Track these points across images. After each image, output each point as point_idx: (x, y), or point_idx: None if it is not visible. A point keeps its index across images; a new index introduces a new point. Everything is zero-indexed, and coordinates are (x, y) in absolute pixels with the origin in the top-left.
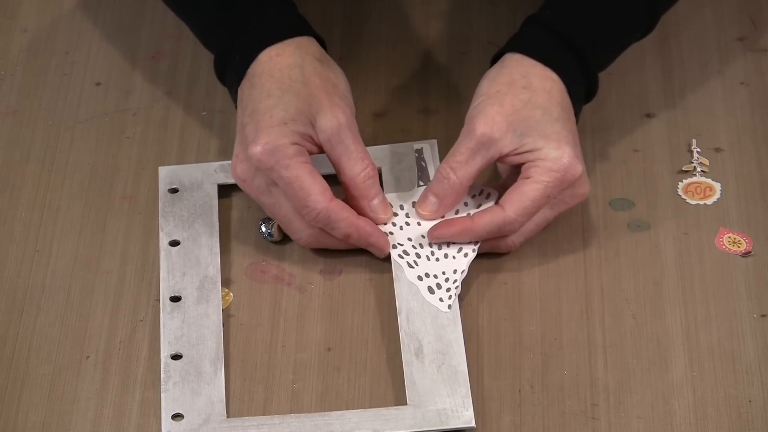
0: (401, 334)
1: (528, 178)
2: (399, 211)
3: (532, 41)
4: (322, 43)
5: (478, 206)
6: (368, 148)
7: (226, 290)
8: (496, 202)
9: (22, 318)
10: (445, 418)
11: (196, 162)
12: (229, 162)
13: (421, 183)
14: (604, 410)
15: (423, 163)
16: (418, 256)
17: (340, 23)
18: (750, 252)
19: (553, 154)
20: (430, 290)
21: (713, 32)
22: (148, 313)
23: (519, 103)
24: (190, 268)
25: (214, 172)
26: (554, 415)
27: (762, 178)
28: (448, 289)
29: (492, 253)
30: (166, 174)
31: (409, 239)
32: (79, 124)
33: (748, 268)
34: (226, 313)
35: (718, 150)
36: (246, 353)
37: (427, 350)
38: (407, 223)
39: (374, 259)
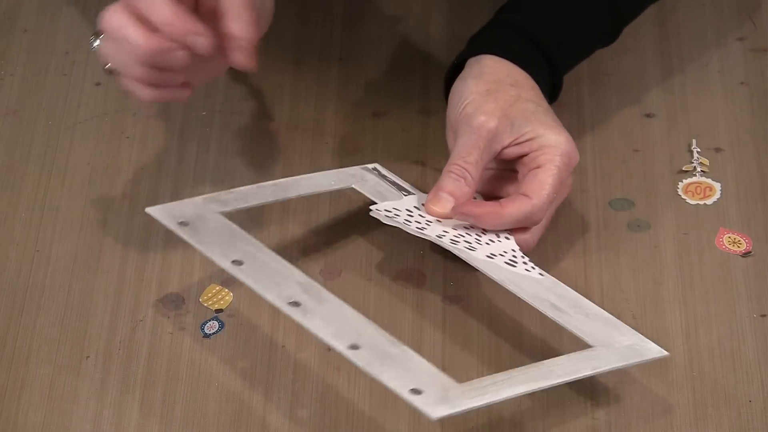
0: (525, 297)
1: (539, 166)
2: (413, 213)
3: (508, 45)
4: None
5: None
6: (320, 174)
7: (227, 290)
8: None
9: (22, 318)
10: (640, 351)
11: (196, 163)
12: (210, 195)
13: (404, 193)
14: (604, 410)
15: (387, 178)
16: (468, 242)
17: (340, 23)
18: (750, 252)
19: (557, 140)
20: (510, 264)
21: (713, 32)
22: (148, 313)
23: (511, 98)
24: (278, 280)
25: (206, 205)
26: (554, 415)
27: (762, 178)
28: (525, 262)
29: None
30: (160, 212)
31: (445, 231)
32: (79, 124)
33: (748, 268)
34: (226, 313)
35: (718, 150)
36: (246, 353)
37: (562, 306)
38: (429, 222)
39: (374, 259)
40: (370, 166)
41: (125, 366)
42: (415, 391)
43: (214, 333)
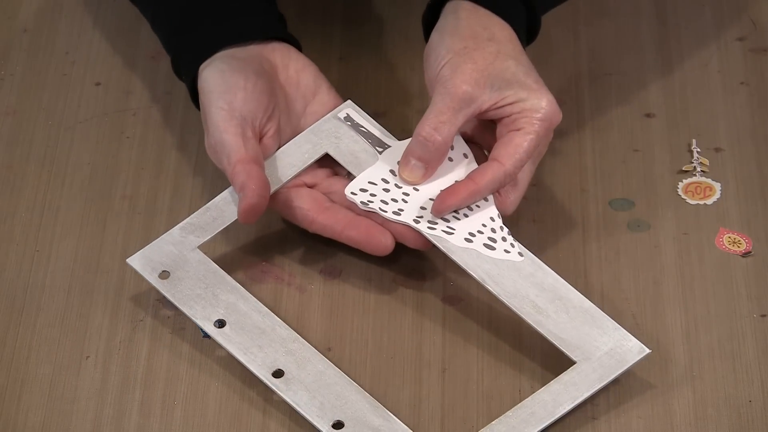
0: (503, 300)
1: (519, 129)
2: (390, 187)
3: None
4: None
5: (457, 165)
6: (294, 141)
7: None
8: (477, 159)
9: (22, 318)
10: (621, 356)
11: (196, 164)
12: (186, 221)
13: (378, 149)
14: (604, 410)
15: (361, 128)
16: (446, 221)
17: (340, 23)
18: (750, 252)
19: (539, 104)
20: (489, 247)
21: (713, 32)
22: (148, 313)
23: (490, 56)
24: (260, 341)
25: (184, 239)
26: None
27: (762, 178)
28: (504, 239)
29: None
30: (140, 262)
31: (423, 208)
32: (79, 124)
33: (748, 268)
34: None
35: (718, 150)
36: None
37: (541, 302)
38: (406, 194)
39: (375, 259)
40: (342, 112)
41: (125, 366)
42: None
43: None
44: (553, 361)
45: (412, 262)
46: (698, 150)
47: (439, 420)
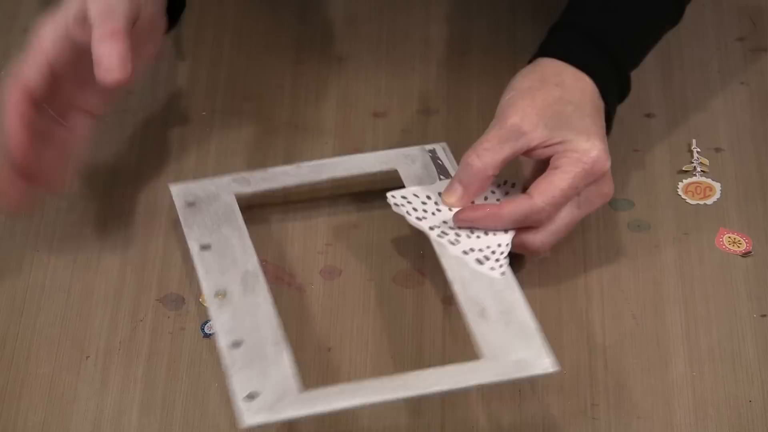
0: (460, 300)
1: (557, 168)
2: (427, 201)
3: (564, 46)
4: None
5: (505, 195)
6: (378, 153)
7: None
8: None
9: (22, 318)
10: (525, 366)
11: (196, 163)
12: (241, 174)
13: (442, 177)
14: (604, 410)
15: (439, 161)
16: (457, 234)
17: (340, 23)
18: (750, 252)
19: (583, 146)
20: (479, 262)
21: (713, 32)
22: (148, 313)
23: (551, 98)
24: (228, 266)
25: (228, 185)
26: (554, 415)
27: (762, 178)
28: (497, 260)
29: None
30: (180, 190)
31: (444, 222)
32: None
33: (748, 268)
34: None
35: (718, 150)
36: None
37: (491, 311)
38: (438, 209)
39: (374, 259)
40: (431, 146)
41: (125, 366)
42: (251, 396)
43: (214, 333)
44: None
45: (413, 262)
46: (698, 150)
47: (440, 420)
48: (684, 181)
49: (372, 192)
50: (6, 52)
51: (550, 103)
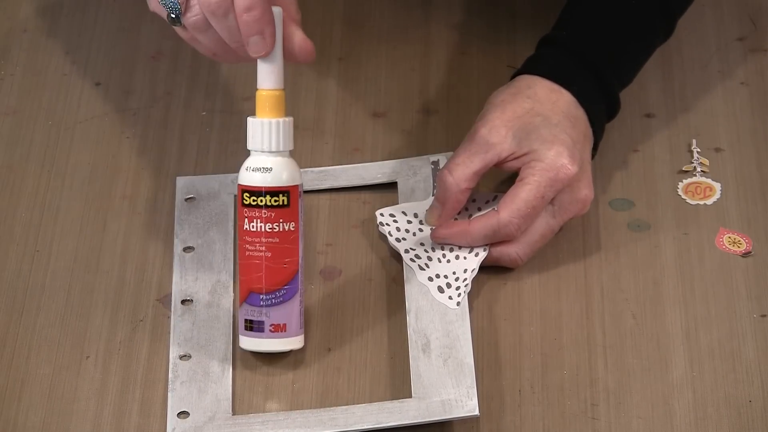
0: (409, 331)
1: (521, 180)
2: (413, 219)
3: (546, 62)
4: None
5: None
6: (382, 163)
7: None
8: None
9: (22, 318)
10: (449, 407)
11: (196, 163)
12: None
13: (434, 194)
14: (604, 410)
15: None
16: (429, 258)
17: (340, 23)
18: (750, 252)
19: (547, 155)
20: (440, 290)
21: (713, 32)
22: (148, 313)
23: (521, 110)
24: (203, 273)
25: (231, 183)
26: (554, 415)
27: (762, 178)
28: (458, 288)
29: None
30: (183, 184)
31: (422, 244)
32: (79, 124)
33: (748, 268)
34: None
35: (718, 150)
36: (246, 353)
37: (434, 345)
38: (420, 230)
39: (374, 259)
40: (435, 157)
41: (125, 366)
42: (183, 414)
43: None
44: (553, 362)
45: None
46: (698, 150)
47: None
48: (684, 181)
49: (372, 192)
50: (6, 52)
51: (519, 115)
